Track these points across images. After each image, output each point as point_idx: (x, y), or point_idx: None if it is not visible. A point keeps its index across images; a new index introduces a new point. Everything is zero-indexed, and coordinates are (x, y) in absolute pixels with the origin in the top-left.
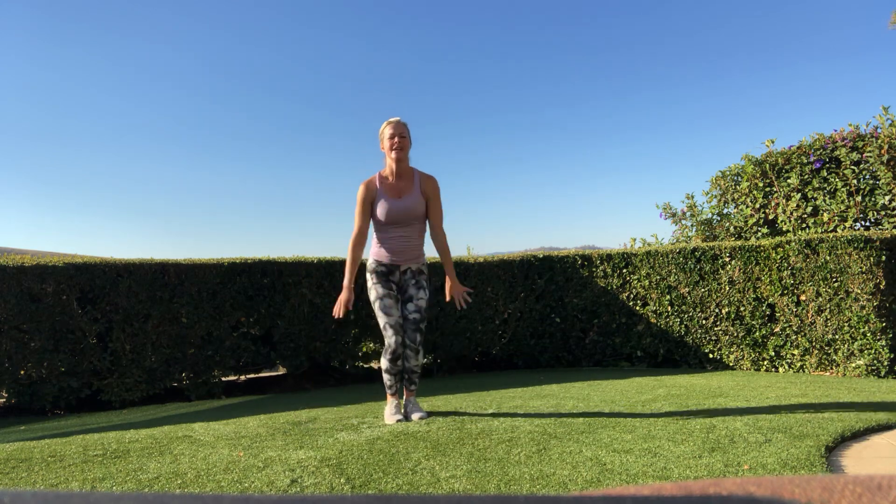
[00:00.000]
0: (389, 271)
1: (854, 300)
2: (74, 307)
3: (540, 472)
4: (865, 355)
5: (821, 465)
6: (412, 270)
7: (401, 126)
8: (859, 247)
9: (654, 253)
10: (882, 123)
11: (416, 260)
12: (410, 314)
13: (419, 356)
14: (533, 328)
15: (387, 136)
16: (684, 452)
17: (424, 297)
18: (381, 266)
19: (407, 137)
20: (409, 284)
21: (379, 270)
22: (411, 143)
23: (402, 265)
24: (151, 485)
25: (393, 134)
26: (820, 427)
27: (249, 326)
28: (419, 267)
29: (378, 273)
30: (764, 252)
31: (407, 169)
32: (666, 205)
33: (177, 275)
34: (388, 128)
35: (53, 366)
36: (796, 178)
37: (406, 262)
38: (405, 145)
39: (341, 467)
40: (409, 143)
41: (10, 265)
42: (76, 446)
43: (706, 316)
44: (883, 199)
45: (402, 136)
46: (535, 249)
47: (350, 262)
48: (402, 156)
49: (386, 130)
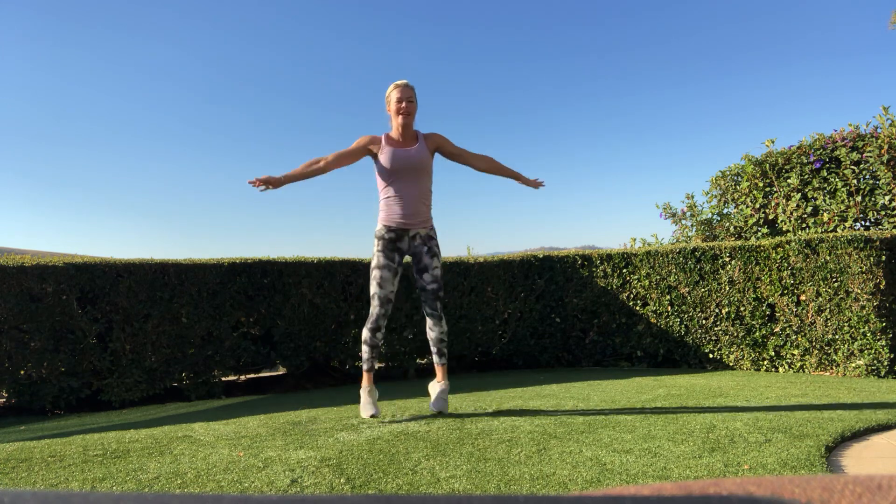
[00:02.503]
0: (398, 237)
1: (854, 300)
2: (74, 307)
3: (540, 472)
4: (865, 355)
5: (821, 465)
6: (421, 236)
7: (408, 90)
8: (859, 247)
9: (654, 253)
10: (882, 123)
11: (425, 223)
12: (428, 285)
13: (442, 322)
14: (533, 328)
15: (394, 100)
16: (684, 452)
17: (439, 264)
18: (390, 231)
19: (414, 101)
20: (422, 253)
21: (387, 237)
22: (417, 107)
23: (411, 229)
24: (151, 485)
25: (400, 98)
26: (820, 427)
27: (249, 326)
28: (428, 232)
29: (385, 240)
30: (764, 252)
31: (412, 131)
32: (666, 205)
33: (177, 275)
34: (395, 91)
35: (53, 366)
36: (796, 178)
37: (415, 226)
38: (412, 109)
39: (341, 467)
40: (416, 107)
41: (10, 265)
42: (76, 446)
43: (706, 316)
44: (883, 199)
45: (409, 100)
46: (535, 249)
47: (300, 167)
48: (408, 120)
49: (393, 94)
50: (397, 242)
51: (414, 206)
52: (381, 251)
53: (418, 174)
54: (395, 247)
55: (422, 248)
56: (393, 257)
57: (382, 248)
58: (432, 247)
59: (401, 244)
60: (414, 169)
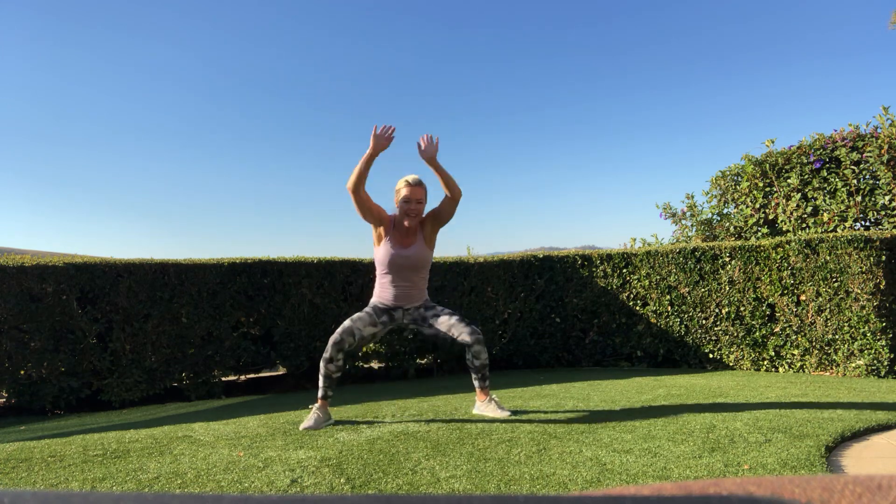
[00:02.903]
0: (392, 309)
1: (854, 300)
2: (74, 307)
3: (540, 472)
4: (865, 355)
5: (821, 465)
6: (415, 307)
7: (419, 191)
8: (859, 247)
9: (654, 253)
10: (882, 123)
11: (420, 300)
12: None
13: (484, 347)
14: (533, 328)
15: (402, 199)
16: (684, 452)
17: (442, 310)
18: (383, 304)
19: (423, 202)
20: (425, 317)
21: (380, 307)
22: (427, 202)
23: (406, 305)
24: (151, 485)
25: (409, 198)
26: (820, 427)
27: (249, 326)
28: (423, 303)
29: (377, 307)
30: (764, 252)
31: (415, 227)
32: (666, 205)
33: (177, 275)
34: (405, 189)
35: (53, 366)
36: (796, 178)
37: (409, 304)
38: (420, 211)
39: (341, 467)
40: (425, 205)
41: (10, 265)
42: (76, 446)
43: (706, 316)
44: (883, 199)
45: (418, 201)
46: (535, 249)
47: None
48: (413, 223)
49: (403, 191)
50: (391, 312)
51: (409, 294)
52: (369, 312)
53: (416, 270)
54: (388, 312)
55: (417, 311)
56: (380, 315)
57: (371, 311)
58: (427, 304)
59: (395, 313)
60: (412, 267)
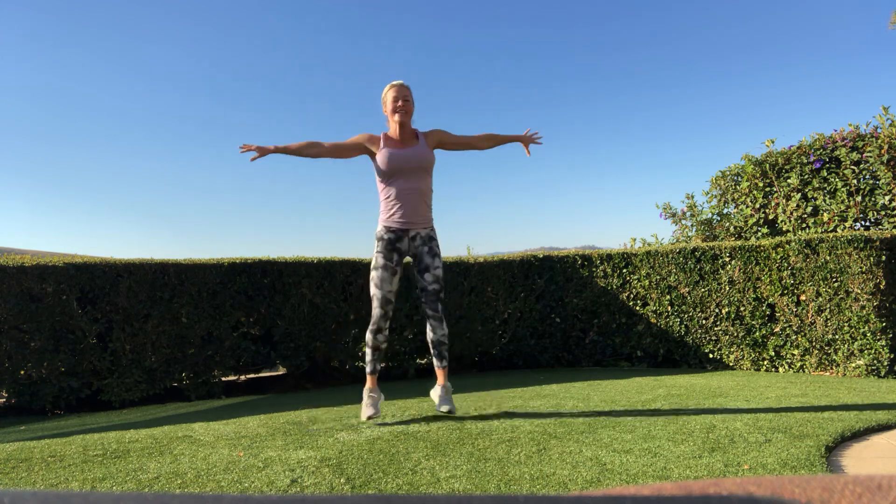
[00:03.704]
0: (398, 238)
1: (854, 300)
2: (74, 307)
3: (540, 472)
4: (865, 355)
5: (821, 465)
6: (422, 236)
7: (404, 89)
8: (859, 247)
9: (654, 253)
10: (882, 123)
11: (426, 223)
12: (430, 285)
13: (443, 324)
14: (533, 328)
15: (390, 100)
16: (684, 452)
17: (440, 264)
18: (390, 232)
19: (410, 101)
20: (422, 253)
21: (386, 237)
22: (414, 107)
23: (412, 229)
24: (151, 485)
25: (396, 97)
26: (820, 427)
27: (249, 326)
28: (428, 232)
29: (384, 240)
30: (764, 252)
31: (410, 130)
32: (666, 205)
33: (177, 275)
34: (391, 91)
35: (53, 366)
36: (796, 178)
37: (415, 226)
38: (409, 108)
39: (341, 467)
40: (413, 106)
41: (10, 265)
42: (76, 446)
43: (706, 316)
44: (883, 199)
45: (405, 99)
46: (535, 249)
47: (297, 144)
48: (405, 119)
49: (389, 94)
50: (397, 243)
51: (414, 207)
52: (381, 252)
53: (418, 173)
54: (395, 247)
55: (422, 248)
56: (392, 257)
57: (382, 249)
58: (433, 247)
59: (400, 245)
60: (413, 169)
